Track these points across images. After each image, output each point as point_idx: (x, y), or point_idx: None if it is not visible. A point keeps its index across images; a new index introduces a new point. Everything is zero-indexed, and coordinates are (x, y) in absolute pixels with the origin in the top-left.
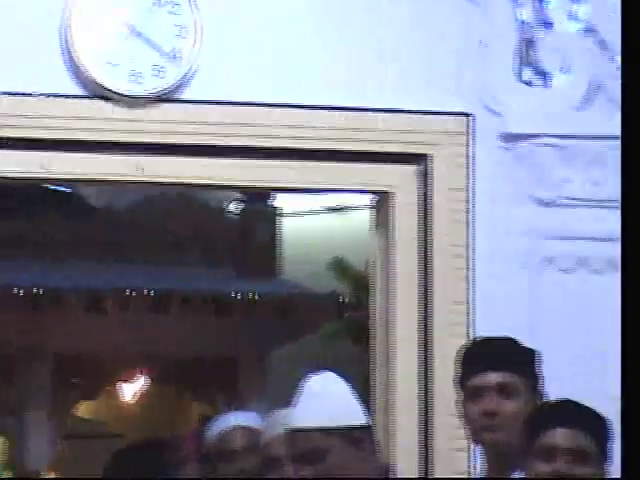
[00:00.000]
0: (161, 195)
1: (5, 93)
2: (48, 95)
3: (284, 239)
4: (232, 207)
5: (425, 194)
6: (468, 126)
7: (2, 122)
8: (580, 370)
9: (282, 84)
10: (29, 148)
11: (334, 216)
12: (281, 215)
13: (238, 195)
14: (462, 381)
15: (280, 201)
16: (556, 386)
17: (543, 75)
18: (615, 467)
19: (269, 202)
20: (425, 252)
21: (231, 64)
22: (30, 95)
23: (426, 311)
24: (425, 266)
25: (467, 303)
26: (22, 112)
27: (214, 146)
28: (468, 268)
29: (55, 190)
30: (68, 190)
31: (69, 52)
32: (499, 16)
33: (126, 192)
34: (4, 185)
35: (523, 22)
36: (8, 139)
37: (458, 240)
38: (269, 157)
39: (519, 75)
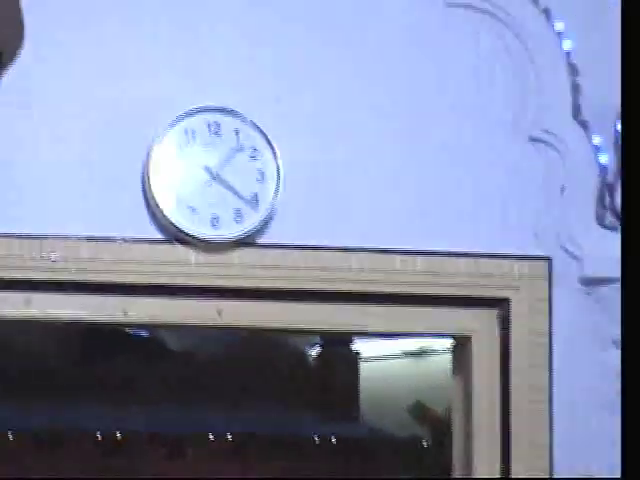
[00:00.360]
0: (241, 339)
1: (86, 238)
2: (128, 240)
3: (364, 383)
4: (312, 351)
5: (504, 338)
6: (548, 270)
7: (82, 267)
8: None
9: (361, 228)
10: (109, 292)
11: (414, 360)
12: (361, 359)
13: (318, 339)
14: None
15: (360, 345)
16: None
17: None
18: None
19: (349, 346)
20: (505, 395)
21: (311, 208)
22: (110, 240)
23: (507, 454)
24: (505, 410)
25: (547, 445)
26: (102, 257)
27: (293, 290)
28: (548, 411)
29: (135, 334)
30: (146, 334)
31: (149, 197)
32: (579, 160)
33: (206, 335)
34: (84, 329)
35: (604, 167)
36: (88, 284)
37: (538, 383)
38: (349, 301)
39: (599, 219)
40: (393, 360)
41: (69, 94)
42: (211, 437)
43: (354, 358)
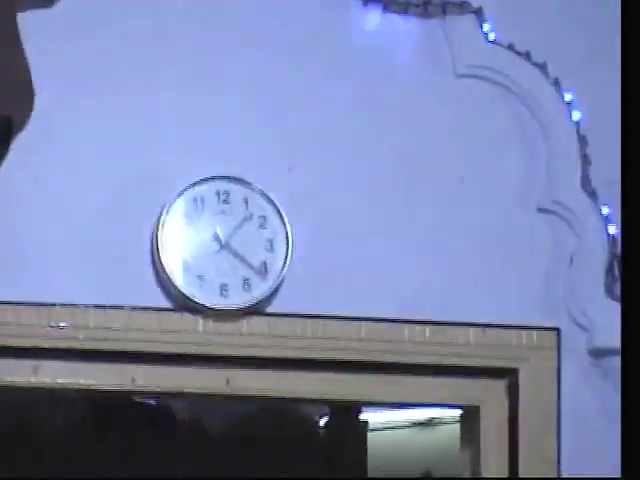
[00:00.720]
0: (248, 409)
1: (94, 306)
2: (136, 308)
3: (372, 452)
4: (320, 420)
5: (512, 408)
6: (556, 340)
7: (91, 335)
8: None
9: (370, 298)
10: (117, 361)
11: (423, 429)
12: (369, 429)
13: (326, 408)
14: None
15: (368, 414)
16: None
17: None
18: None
19: (357, 415)
20: (514, 466)
21: (320, 277)
22: (118, 308)
23: None
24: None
25: None
26: (110, 325)
27: (301, 360)
28: None
29: (141, 403)
30: (153, 403)
31: (158, 265)
32: (588, 231)
33: (213, 405)
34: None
35: (614, 237)
36: (97, 352)
37: (546, 454)
38: (357, 371)
39: (608, 290)
40: (401, 429)
41: (78, 162)
42: None
43: (362, 427)
